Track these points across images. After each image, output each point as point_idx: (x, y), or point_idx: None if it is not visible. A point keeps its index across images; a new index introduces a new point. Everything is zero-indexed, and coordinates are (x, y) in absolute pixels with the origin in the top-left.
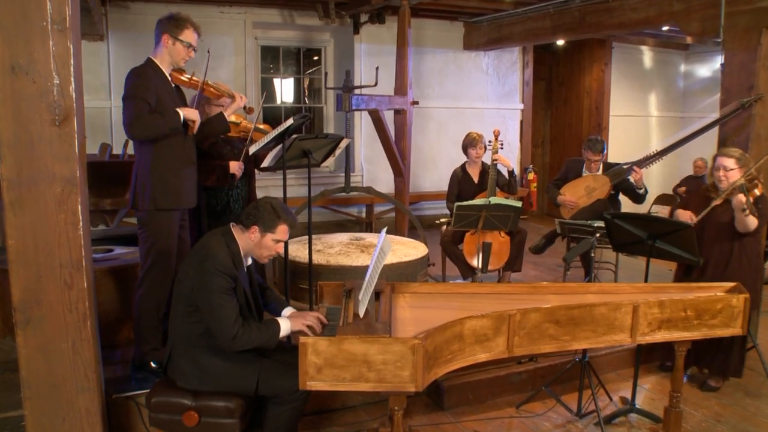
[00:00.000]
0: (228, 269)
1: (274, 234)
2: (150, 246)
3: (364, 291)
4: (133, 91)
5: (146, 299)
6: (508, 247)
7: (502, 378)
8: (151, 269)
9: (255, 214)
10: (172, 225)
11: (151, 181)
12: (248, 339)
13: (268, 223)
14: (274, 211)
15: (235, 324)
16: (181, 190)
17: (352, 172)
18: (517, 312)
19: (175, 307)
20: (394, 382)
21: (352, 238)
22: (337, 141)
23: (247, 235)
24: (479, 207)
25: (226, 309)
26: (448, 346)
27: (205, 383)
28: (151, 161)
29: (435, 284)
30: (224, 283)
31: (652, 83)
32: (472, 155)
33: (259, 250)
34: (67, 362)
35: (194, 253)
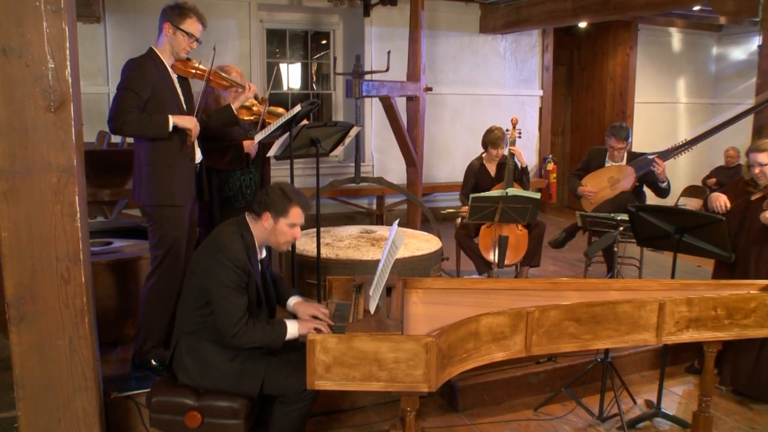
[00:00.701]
0: (241, 263)
1: (287, 218)
2: (158, 239)
3: (374, 286)
4: (126, 83)
5: (155, 293)
6: (526, 241)
7: (520, 378)
8: (161, 263)
9: (265, 200)
10: (181, 217)
11: (146, 176)
12: (249, 338)
13: (279, 207)
14: (284, 194)
15: (239, 322)
16: (174, 187)
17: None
18: (535, 309)
19: (184, 300)
20: (406, 382)
21: (363, 231)
22: (346, 129)
23: (260, 223)
24: (496, 198)
25: (233, 305)
26: (462, 345)
27: (208, 380)
28: (147, 155)
29: (449, 279)
30: (235, 278)
31: (681, 67)
32: (493, 154)
33: (275, 237)
34: (64, 360)
35: (208, 244)
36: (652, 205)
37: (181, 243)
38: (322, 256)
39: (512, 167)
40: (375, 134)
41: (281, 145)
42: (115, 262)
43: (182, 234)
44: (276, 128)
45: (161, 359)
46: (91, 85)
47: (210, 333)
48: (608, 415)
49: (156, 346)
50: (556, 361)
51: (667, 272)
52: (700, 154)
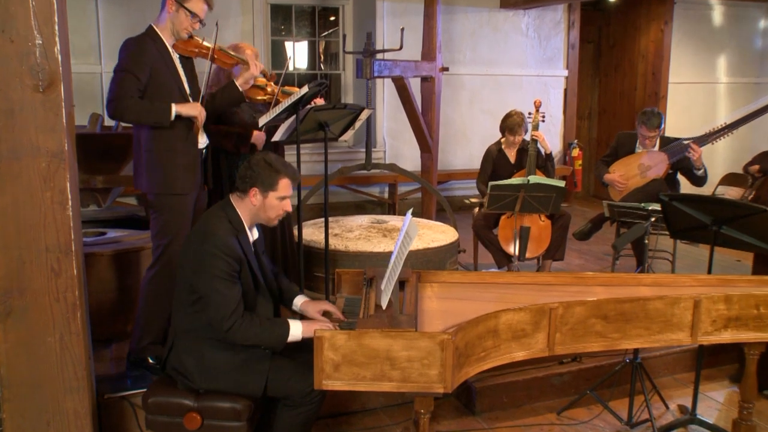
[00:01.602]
0: (230, 250)
1: (277, 191)
2: (160, 228)
3: (386, 280)
4: (124, 65)
5: (154, 286)
6: (549, 233)
7: (542, 380)
8: (163, 254)
9: (250, 174)
10: (184, 206)
11: (147, 162)
12: (245, 333)
13: (267, 180)
14: (269, 166)
15: (233, 315)
16: (176, 174)
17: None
18: (559, 305)
19: (177, 296)
20: (419, 382)
21: (374, 221)
22: (356, 112)
23: (247, 200)
24: (517, 187)
25: (224, 297)
26: (480, 343)
27: (207, 381)
28: (147, 141)
29: (466, 273)
30: (225, 267)
31: (722, 44)
32: (510, 140)
33: (264, 213)
34: (54, 359)
35: (194, 234)
36: (687, 194)
37: (184, 233)
38: (331, 248)
39: (534, 153)
40: (387, 118)
41: (287, 129)
42: (109, 254)
43: (185, 223)
44: (281, 111)
45: (159, 357)
46: (82, 63)
47: (208, 330)
48: (638, 421)
49: (154, 343)
50: (581, 362)
51: (702, 267)
52: (741, 138)
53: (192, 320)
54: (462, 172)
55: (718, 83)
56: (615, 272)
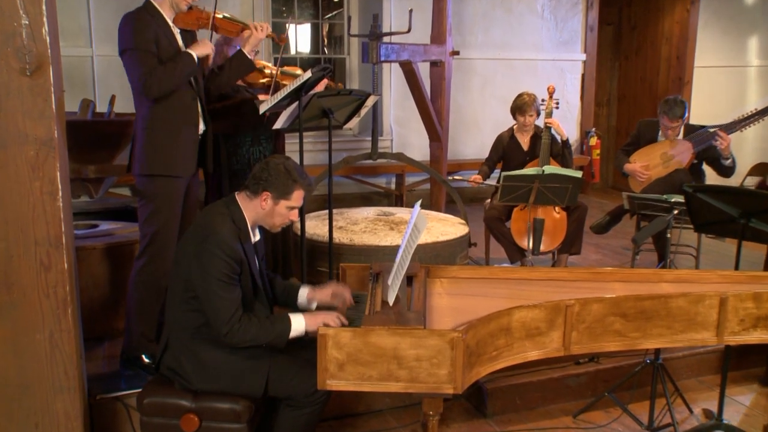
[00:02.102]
0: (232, 251)
1: (289, 201)
2: (149, 214)
3: (394, 275)
4: (132, 44)
5: (144, 277)
6: (565, 226)
7: (557, 381)
8: (152, 242)
9: (266, 177)
10: (176, 191)
11: (143, 142)
12: (244, 336)
13: (281, 188)
14: (288, 174)
15: (232, 319)
16: (175, 154)
17: (379, 135)
18: (575, 302)
19: (172, 293)
20: (428, 382)
21: (380, 214)
22: (362, 99)
23: (256, 202)
24: (531, 177)
25: (224, 300)
26: (492, 341)
27: (205, 382)
28: (145, 120)
29: (477, 268)
30: (226, 269)
31: (753, 24)
32: (521, 122)
33: (271, 219)
34: (43, 357)
35: (194, 230)
36: (713, 185)
37: (174, 221)
38: (335, 241)
39: (548, 141)
40: (394, 104)
41: (289, 116)
42: (101, 247)
43: (176, 210)
44: (283, 97)
45: (154, 355)
46: (71, 46)
47: (204, 329)
48: (659, 425)
49: (148, 340)
50: (598, 362)
51: (729, 262)
52: None
53: (187, 318)
54: (473, 162)
55: (749, 67)
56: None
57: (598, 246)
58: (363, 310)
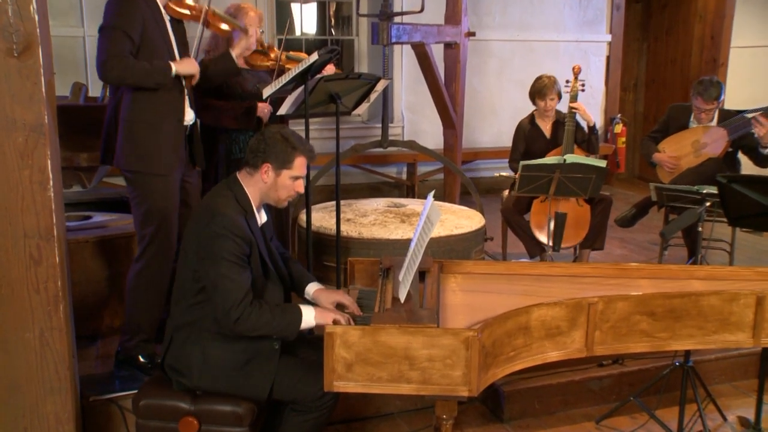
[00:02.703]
0: (240, 230)
1: (291, 169)
2: (144, 214)
3: (405, 270)
4: (114, 21)
5: (144, 278)
6: (588, 219)
7: (579, 384)
8: (151, 243)
9: (264, 148)
10: (168, 186)
11: (123, 134)
12: (255, 323)
13: (281, 156)
14: (286, 141)
15: (242, 303)
16: (158, 152)
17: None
18: (599, 300)
19: (179, 285)
20: (442, 384)
21: (390, 205)
22: (372, 83)
23: (257, 176)
24: (551, 167)
25: (233, 283)
26: (510, 341)
27: (208, 380)
28: (126, 109)
29: (494, 263)
30: (234, 249)
31: None
32: (541, 107)
33: (275, 192)
34: (33, 356)
35: (198, 214)
36: (750, 176)
37: (171, 217)
38: (343, 234)
39: (572, 128)
40: (406, 89)
41: (294, 102)
42: (95, 240)
43: (171, 207)
44: (288, 81)
45: (151, 356)
46: (62, 26)
47: (211, 324)
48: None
49: (145, 341)
50: (623, 364)
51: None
52: None
53: (194, 312)
54: (489, 151)
55: None
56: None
57: (623, 240)
58: (372, 307)
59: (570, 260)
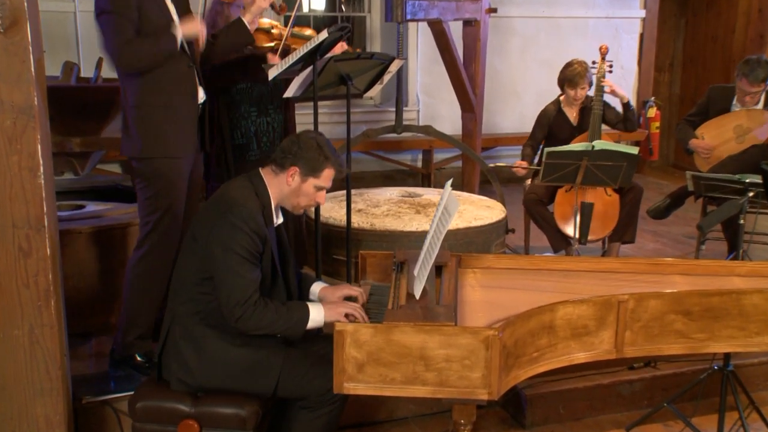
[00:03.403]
0: (257, 226)
1: (319, 179)
2: (150, 200)
3: (420, 264)
4: (108, 5)
5: (144, 268)
6: (617, 210)
7: (607, 388)
8: (153, 231)
9: (296, 151)
10: (179, 173)
11: (134, 120)
12: (258, 322)
13: (312, 164)
14: (320, 149)
15: (248, 301)
16: (170, 133)
17: (404, 106)
18: (629, 297)
19: (181, 274)
20: (459, 387)
21: (405, 195)
22: (385, 63)
23: (282, 177)
24: (578, 154)
25: (242, 279)
26: (533, 341)
27: (208, 377)
28: (135, 95)
29: (515, 257)
30: (248, 244)
31: None
32: (571, 96)
33: (296, 198)
34: (21, 355)
35: (213, 203)
36: None
37: (178, 206)
38: (354, 226)
39: (600, 111)
40: (422, 70)
41: (302, 84)
42: (88, 231)
43: (180, 194)
44: (295, 61)
45: (148, 354)
46: (51, 0)
47: (213, 317)
48: None
49: (142, 338)
50: (656, 367)
51: None
52: None
53: (195, 303)
54: (511, 137)
55: None
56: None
57: (656, 233)
58: (385, 303)
59: (598, 254)
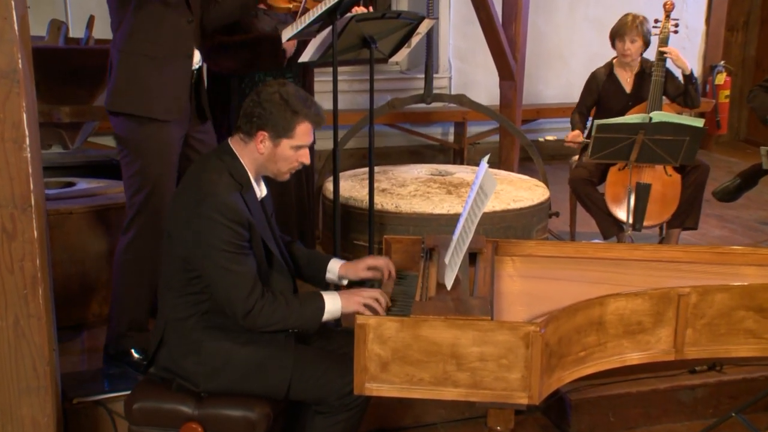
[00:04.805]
0: (236, 214)
1: (292, 138)
2: (134, 176)
3: (452, 251)
4: None
5: (132, 255)
6: (678, 191)
7: (665, 394)
8: (140, 213)
9: (259, 113)
10: (169, 140)
11: (119, 65)
12: (269, 318)
13: (280, 123)
14: (285, 104)
15: (252, 295)
16: (154, 90)
17: (435, 72)
18: (691, 291)
19: (166, 273)
20: (495, 389)
21: (434, 173)
22: (413, 24)
23: (252, 146)
24: (634, 127)
25: (237, 275)
26: (580, 339)
27: (212, 381)
28: (125, 37)
29: (560, 244)
30: (232, 237)
31: None
32: (619, 50)
33: (274, 164)
34: (5, 349)
35: (184, 191)
36: None
37: (168, 181)
38: (377, 208)
39: (661, 79)
40: (454, 31)
41: (320, 47)
42: (80, 211)
43: (169, 169)
44: (312, 21)
45: (145, 350)
46: None
47: (210, 317)
48: None
49: (137, 329)
50: (722, 371)
51: None
52: None
53: (187, 306)
54: (556, 107)
55: None
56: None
57: (723, 219)
58: (412, 294)
59: (655, 242)
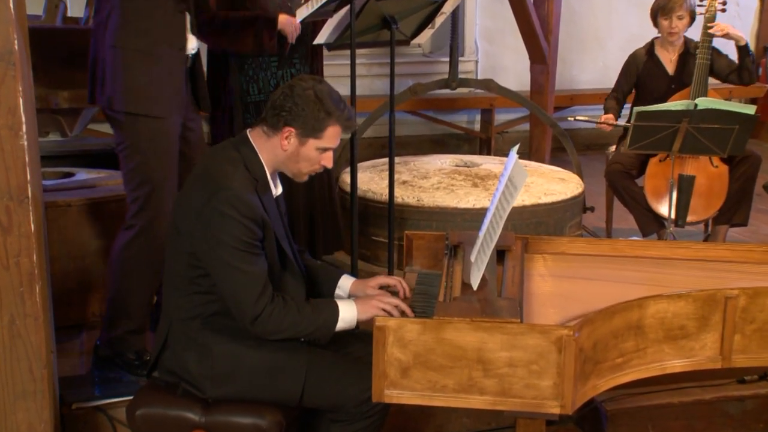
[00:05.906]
0: (250, 210)
1: (320, 139)
2: (136, 167)
3: (479, 249)
4: None
5: (132, 253)
6: (726, 185)
7: (710, 405)
8: (143, 209)
9: (290, 107)
10: (168, 135)
11: (111, 62)
12: (279, 324)
13: (310, 122)
14: (319, 102)
15: (261, 298)
16: (150, 87)
17: (460, 55)
18: (740, 293)
19: (171, 271)
20: (525, 397)
21: (459, 164)
22: (437, 2)
23: (276, 141)
24: (677, 114)
25: (247, 275)
26: (617, 344)
27: (220, 387)
28: (112, 34)
29: (595, 241)
30: (244, 234)
31: None
32: (665, 28)
33: (295, 164)
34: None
35: (196, 182)
36: None
37: (170, 176)
38: (398, 201)
39: (707, 62)
40: (481, 11)
41: (336, 27)
42: (79, 203)
43: (170, 161)
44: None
45: (141, 352)
46: None
47: (217, 318)
48: None
49: (134, 332)
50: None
51: None
52: None
53: (193, 306)
54: (591, 93)
55: None
56: None
57: None
58: (435, 295)
59: (700, 239)
